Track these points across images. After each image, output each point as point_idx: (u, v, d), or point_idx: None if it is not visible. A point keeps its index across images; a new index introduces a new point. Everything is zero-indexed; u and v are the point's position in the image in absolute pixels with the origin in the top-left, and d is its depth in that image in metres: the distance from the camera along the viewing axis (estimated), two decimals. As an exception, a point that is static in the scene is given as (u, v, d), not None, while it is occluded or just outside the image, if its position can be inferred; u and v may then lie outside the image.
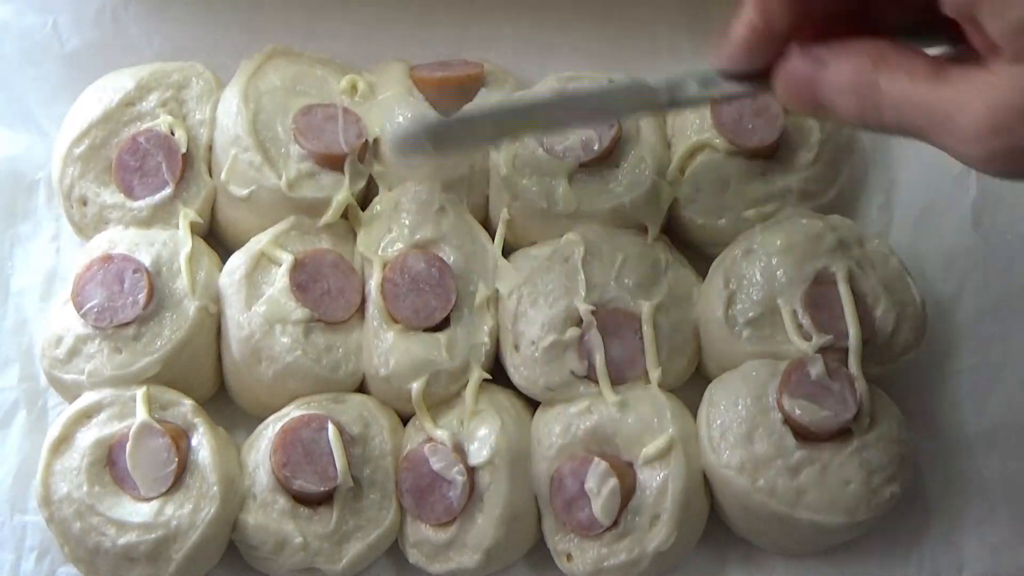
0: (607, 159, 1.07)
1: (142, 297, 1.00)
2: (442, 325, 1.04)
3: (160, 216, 1.05)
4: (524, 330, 1.03)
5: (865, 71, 0.73)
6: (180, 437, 0.98)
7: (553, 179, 1.06)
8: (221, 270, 1.05)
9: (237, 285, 1.03)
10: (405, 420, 1.04)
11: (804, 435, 0.98)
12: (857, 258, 1.04)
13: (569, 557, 0.99)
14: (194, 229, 1.05)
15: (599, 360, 1.01)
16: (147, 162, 1.07)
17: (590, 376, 1.02)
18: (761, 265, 1.03)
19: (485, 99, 1.11)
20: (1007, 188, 1.14)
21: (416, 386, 1.00)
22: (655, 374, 1.02)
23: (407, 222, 1.06)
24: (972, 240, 1.13)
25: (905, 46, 0.74)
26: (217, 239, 1.10)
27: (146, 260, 1.02)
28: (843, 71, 0.75)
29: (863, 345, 1.00)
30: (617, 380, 1.02)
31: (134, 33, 1.16)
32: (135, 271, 1.01)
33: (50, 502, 0.96)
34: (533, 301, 1.03)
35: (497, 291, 1.05)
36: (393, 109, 1.07)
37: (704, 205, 1.08)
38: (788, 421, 0.98)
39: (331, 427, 0.97)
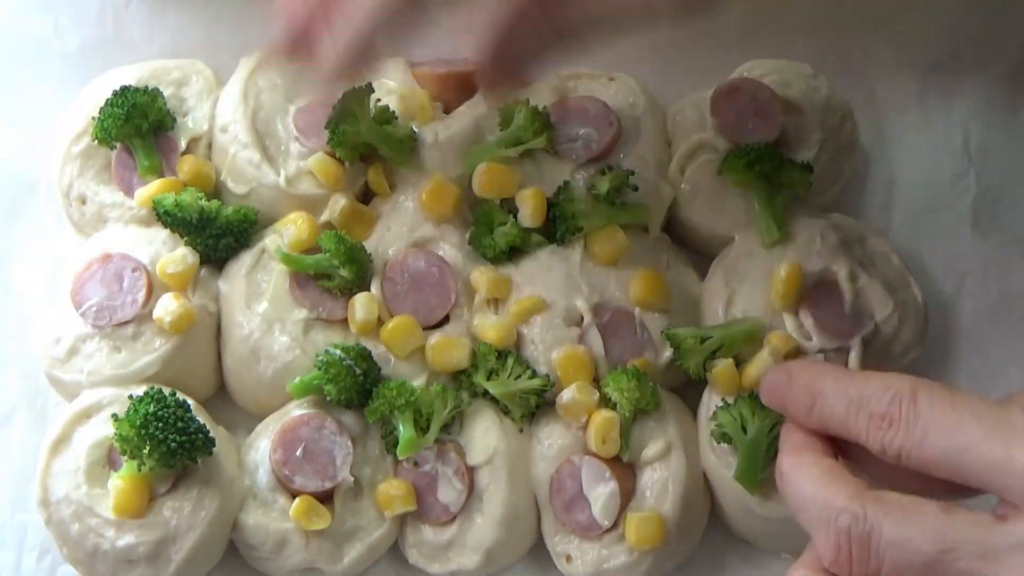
0: (607, 158, 1.07)
1: (141, 296, 1.00)
2: (442, 323, 1.03)
3: (159, 215, 1.05)
4: (524, 329, 1.02)
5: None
6: (180, 436, 0.97)
7: (553, 177, 1.06)
8: (221, 268, 1.05)
9: (236, 283, 1.03)
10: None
11: (805, 435, 0.98)
12: (858, 257, 1.04)
13: (569, 559, 0.99)
14: (194, 227, 1.05)
15: (599, 359, 1.01)
16: (146, 160, 1.07)
17: (590, 376, 1.02)
18: (761, 264, 1.03)
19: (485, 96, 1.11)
20: (1007, 188, 1.14)
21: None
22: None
23: (406, 220, 1.06)
24: (972, 240, 1.13)
25: None
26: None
27: (145, 259, 1.01)
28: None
29: (865, 345, 1.00)
30: (618, 380, 1.02)
31: (135, 32, 1.16)
32: (134, 270, 1.01)
33: (48, 503, 0.95)
34: (533, 300, 1.03)
35: (497, 290, 1.05)
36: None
37: (704, 205, 1.08)
38: (788, 421, 0.98)
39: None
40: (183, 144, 1.07)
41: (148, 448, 0.91)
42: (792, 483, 0.76)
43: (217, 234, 1.02)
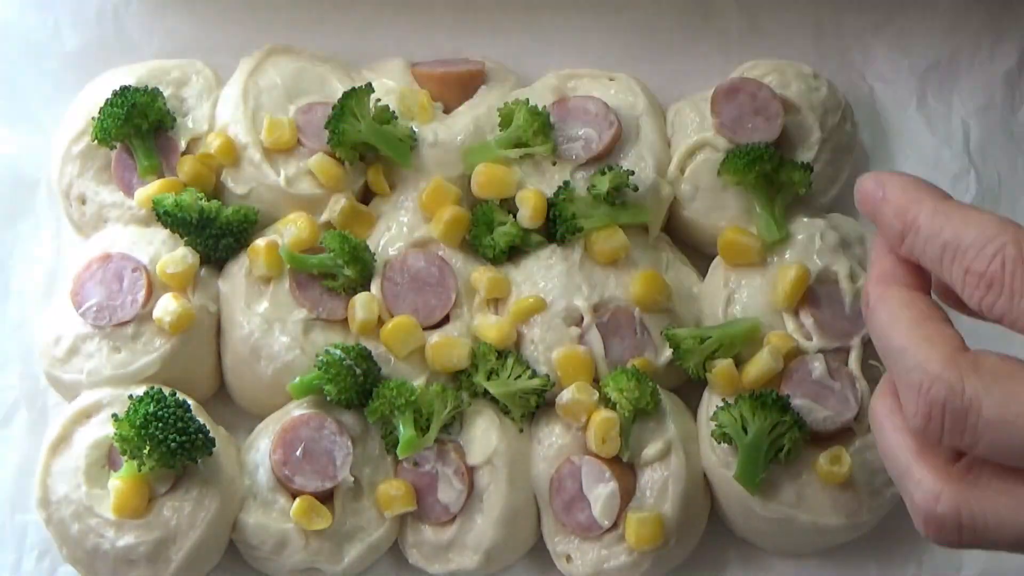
0: (607, 158, 1.07)
1: (141, 296, 1.00)
2: (442, 323, 1.03)
3: (159, 214, 1.05)
4: (524, 329, 1.02)
5: None
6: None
7: (553, 177, 1.06)
8: (221, 268, 1.05)
9: (236, 283, 1.03)
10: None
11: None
12: (858, 257, 1.04)
13: (569, 559, 0.99)
14: (194, 227, 1.05)
15: (599, 359, 1.01)
16: (146, 160, 1.06)
17: (590, 375, 1.02)
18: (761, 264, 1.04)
19: (485, 96, 1.11)
20: (1007, 188, 1.14)
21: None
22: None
23: (406, 220, 1.06)
24: (972, 240, 1.12)
25: None
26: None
27: (145, 259, 1.01)
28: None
29: (865, 345, 1.00)
30: (617, 380, 1.02)
31: (134, 32, 1.16)
32: (134, 270, 1.01)
33: (48, 503, 0.95)
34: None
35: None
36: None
37: (704, 204, 1.08)
38: (788, 421, 0.98)
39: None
40: (183, 144, 1.07)
41: (148, 448, 0.91)
42: (880, 324, 0.69)
43: (217, 234, 1.02)
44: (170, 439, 0.91)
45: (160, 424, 0.91)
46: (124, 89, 1.04)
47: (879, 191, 0.72)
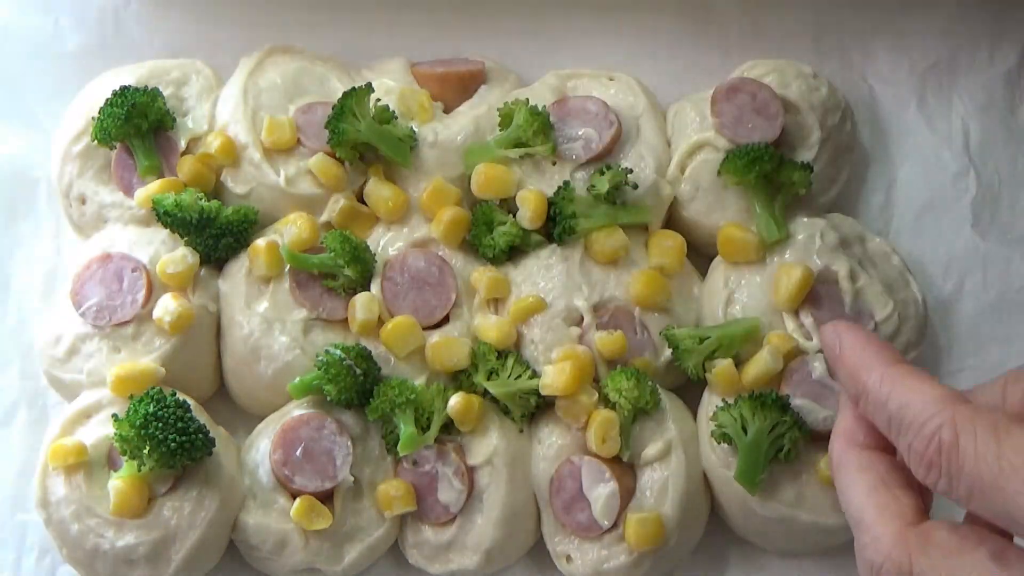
0: (607, 157, 1.07)
1: (141, 296, 1.00)
2: (442, 323, 1.03)
3: (159, 214, 1.05)
4: (524, 330, 1.02)
5: None
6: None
7: (553, 177, 1.06)
8: (221, 268, 1.05)
9: (236, 283, 1.03)
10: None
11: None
12: (858, 257, 1.04)
13: (569, 559, 0.99)
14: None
15: (599, 359, 1.01)
16: (146, 160, 1.06)
17: (590, 375, 1.02)
18: (761, 265, 1.03)
19: (485, 96, 1.11)
20: (1007, 188, 1.14)
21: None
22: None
23: (407, 220, 1.06)
24: (972, 239, 1.13)
25: None
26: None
27: (145, 259, 1.01)
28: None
29: (864, 345, 1.00)
30: (617, 380, 1.02)
31: (135, 32, 1.16)
32: (134, 269, 1.01)
33: (48, 503, 0.95)
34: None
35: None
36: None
37: (704, 204, 1.07)
38: (788, 421, 0.98)
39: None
40: (183, 144, 1.07)
41: (148, 448, 0.91)
42: (840, 486, 0.74)
43: (217, 234, 1.02)
44: (170, 439, 0.91)
45: (160, 424, 0.91)
46: (124, 89, 1.04)
47: (836, 346, 0.77)
